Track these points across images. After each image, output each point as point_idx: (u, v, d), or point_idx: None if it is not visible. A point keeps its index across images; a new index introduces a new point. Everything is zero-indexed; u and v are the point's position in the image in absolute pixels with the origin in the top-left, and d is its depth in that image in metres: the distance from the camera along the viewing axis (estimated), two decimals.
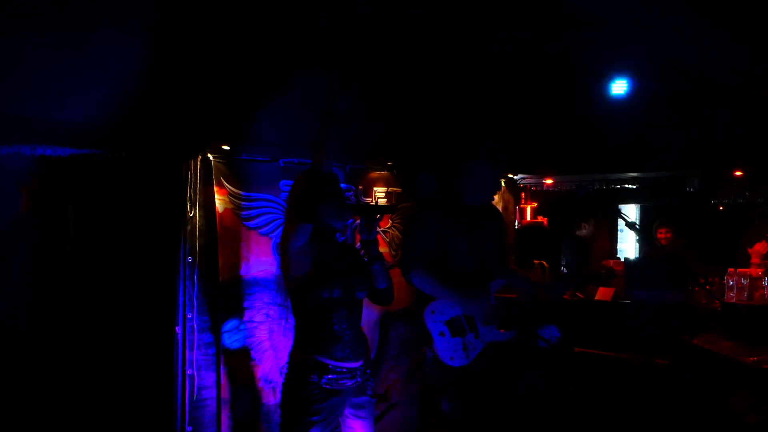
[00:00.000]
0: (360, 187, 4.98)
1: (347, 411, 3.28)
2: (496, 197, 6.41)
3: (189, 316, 4.09)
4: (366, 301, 3.49)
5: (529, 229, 6.98)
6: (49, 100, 3.85)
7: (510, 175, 6.62)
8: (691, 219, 7.11)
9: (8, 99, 3.75)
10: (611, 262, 6.85)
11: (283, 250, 3.20)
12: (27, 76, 3.76)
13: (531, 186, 7.21)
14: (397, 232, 5.14)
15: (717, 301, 5.17)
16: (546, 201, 7.35)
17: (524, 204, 7.09)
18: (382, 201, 5.09)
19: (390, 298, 3.54)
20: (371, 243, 3.35)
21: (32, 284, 4.17)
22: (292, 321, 4.39)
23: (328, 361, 3.18)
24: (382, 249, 4.90)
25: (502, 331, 3.76)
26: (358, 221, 4.61)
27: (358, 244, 3.52)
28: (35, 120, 3.94)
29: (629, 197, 8.58)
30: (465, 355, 3.67)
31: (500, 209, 6.52)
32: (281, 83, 4.41)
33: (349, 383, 3.23)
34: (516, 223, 6.84)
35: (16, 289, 4.14)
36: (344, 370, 3.22)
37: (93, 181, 4.32)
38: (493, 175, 3.87)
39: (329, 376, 3.16)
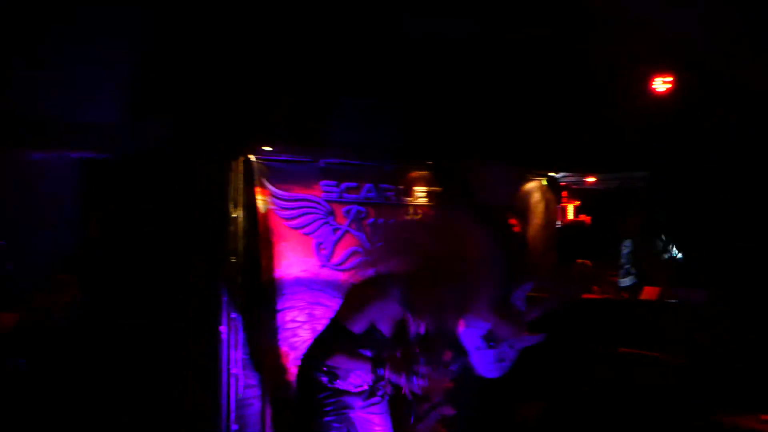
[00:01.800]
0: (400, 187, 4.97)
1: (358, 408, 3.21)
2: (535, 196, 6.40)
3: (233, 315, 4.13)
4: None
5: (570, 228, 6.90)
6: (90, 104, 3.94)
7: (551, 174, 6.56)
8: None
9: (57, 105, 3.85)
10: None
11: None
12: (75, 83, 3.85)
13: (572, 184, 7.12)
14: None
15: None
16: (588, 199, 7.26)
17: (565, 203, 7.00)
18: (423, 201, 5.07)
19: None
20: None
21: (79, 283, 4.26)
22: None
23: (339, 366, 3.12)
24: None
25: (532, 335, 3.79)
26: None
27: None
28: (82, 124, 4.03)
29: None
30: (501, 366, 3.70)
31: (541, 208, 6.46)
32: (322, 85, 4.44)
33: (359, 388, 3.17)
34: (558, 223, 6.76)
35: (67, 289, 4.23)
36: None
37: (138, 183, 4.40)
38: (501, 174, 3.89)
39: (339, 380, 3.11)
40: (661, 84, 5.24)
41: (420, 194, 5.04)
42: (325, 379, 3.10)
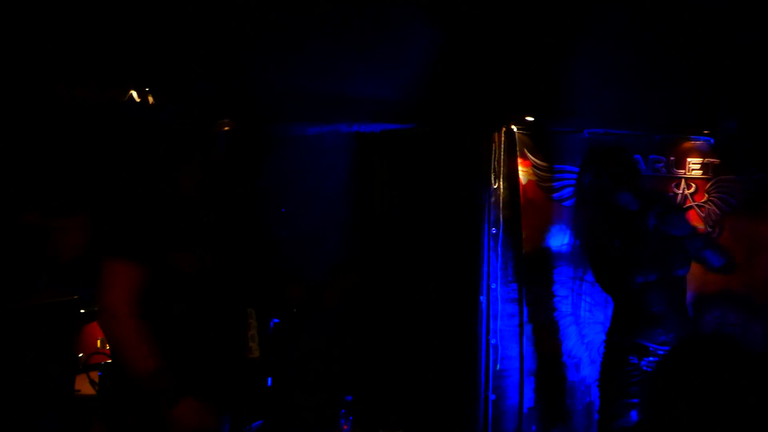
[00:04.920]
0: (671, 158, 4.63)
1: None
2: None
3: (493, 286, 4.15)
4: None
5: None
6: (361, 79, 4.11)
7: None
8: None
9: (327, 79, 4.07)
10: None
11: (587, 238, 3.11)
12: (342, 58, 4.05)
13: None
14: (714, 207, 4.70)
15: None
16: None
17: None
18: (697, 173, 4.68)
19: (731, 268, 3.33)
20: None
21: (345, 254, 4.50)
22: (596, 296, 4.27)
23: (648, 344, 3.02)
24: (698, 225, 4.53)
25: None
26: None
27: None
28: (352, 98, 4.24)
29: None
30: None
31: None
32: (584, 51, 4.25)
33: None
34: None
35: (333, 259, 4.50)
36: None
37: (401, 155, 4.55)
38: None
39: (650, 359, 3.00)
40: None
41: (694, 166, 4.67)
42: (634, 359, 3.03)
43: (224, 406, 2.34)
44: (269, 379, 3.73)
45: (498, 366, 4.14)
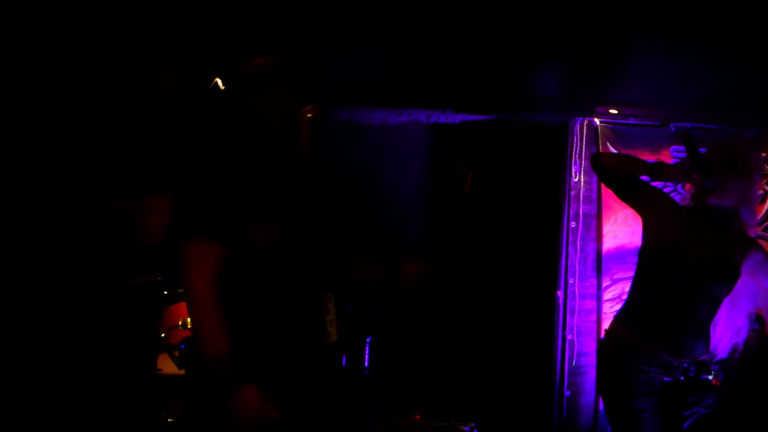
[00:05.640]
0: (763, 155, 4.46)
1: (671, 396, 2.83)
2: None
3: (570, 281, 4.09)
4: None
5: None
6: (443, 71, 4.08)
7: None
8: None
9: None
10: None
11: None
12: None
13: None
14: None
15: None
16: None
17: None
18: None
19: None
20: None
21: (420, 243, 4.49)
22: None
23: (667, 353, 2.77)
24: None
25: None
26: None
27: None
28: (430, 88, 4.21)
29: None
30: None
31: None
32: (670, 42, 4.12)
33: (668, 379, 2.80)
34: None
35: (407, 247, 4.49)
36: (673, 363, 2.71)
37: (480, 146, 4.51)
38: None
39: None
40: None
41: None
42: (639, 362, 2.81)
43: (295, 395, 2.31)
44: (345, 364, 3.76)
45: (574, 362, 4.08)
